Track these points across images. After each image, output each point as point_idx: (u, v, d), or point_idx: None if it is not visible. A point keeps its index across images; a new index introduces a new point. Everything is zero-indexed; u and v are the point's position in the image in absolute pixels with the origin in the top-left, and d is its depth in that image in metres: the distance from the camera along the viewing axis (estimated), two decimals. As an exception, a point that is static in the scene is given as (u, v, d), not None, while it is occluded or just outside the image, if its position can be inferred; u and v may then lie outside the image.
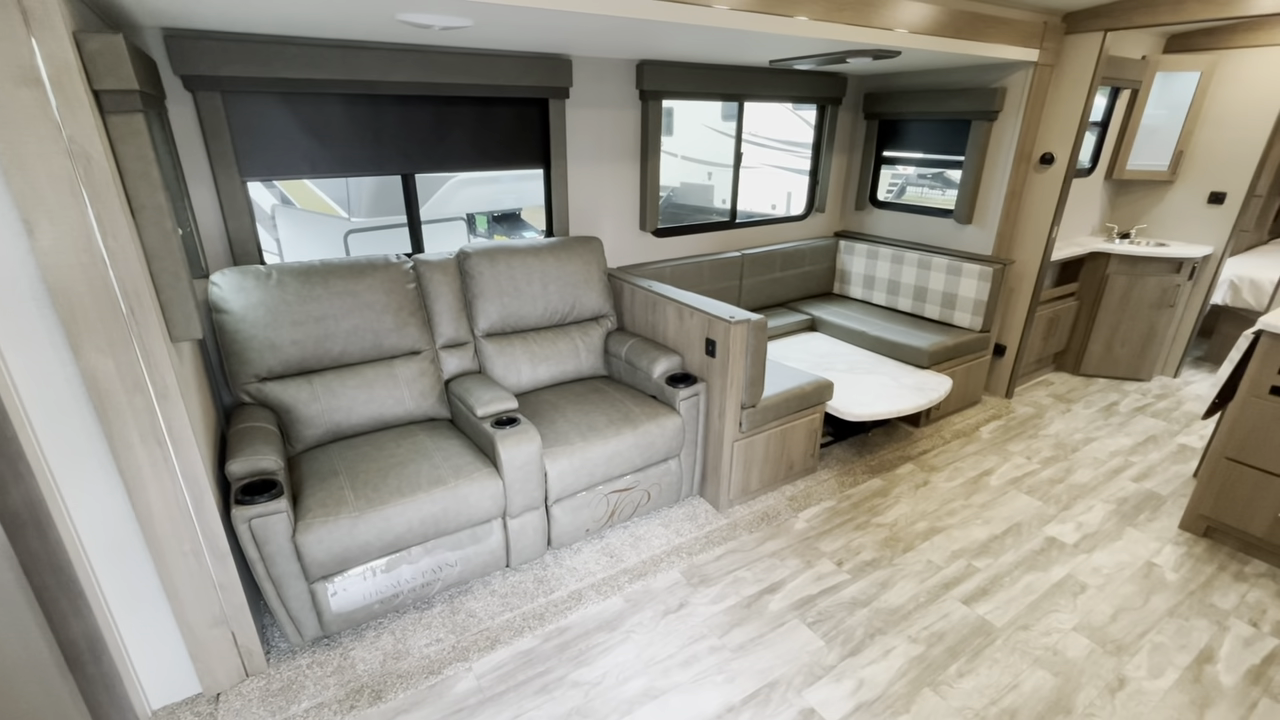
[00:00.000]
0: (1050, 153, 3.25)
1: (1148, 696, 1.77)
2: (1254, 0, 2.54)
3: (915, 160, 3.76)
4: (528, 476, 2.05)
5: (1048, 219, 3.32)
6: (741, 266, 3.53)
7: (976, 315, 3.33)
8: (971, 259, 3.33)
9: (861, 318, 3.54)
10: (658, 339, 2.67)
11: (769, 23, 2.04)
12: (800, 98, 3.49)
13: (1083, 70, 3.08)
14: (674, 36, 2.18)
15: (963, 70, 3.31)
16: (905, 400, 2.76)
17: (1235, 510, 2.36)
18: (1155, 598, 2.15)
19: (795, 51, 2.61)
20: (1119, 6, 2.90)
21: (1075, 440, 3.24)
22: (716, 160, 8.72)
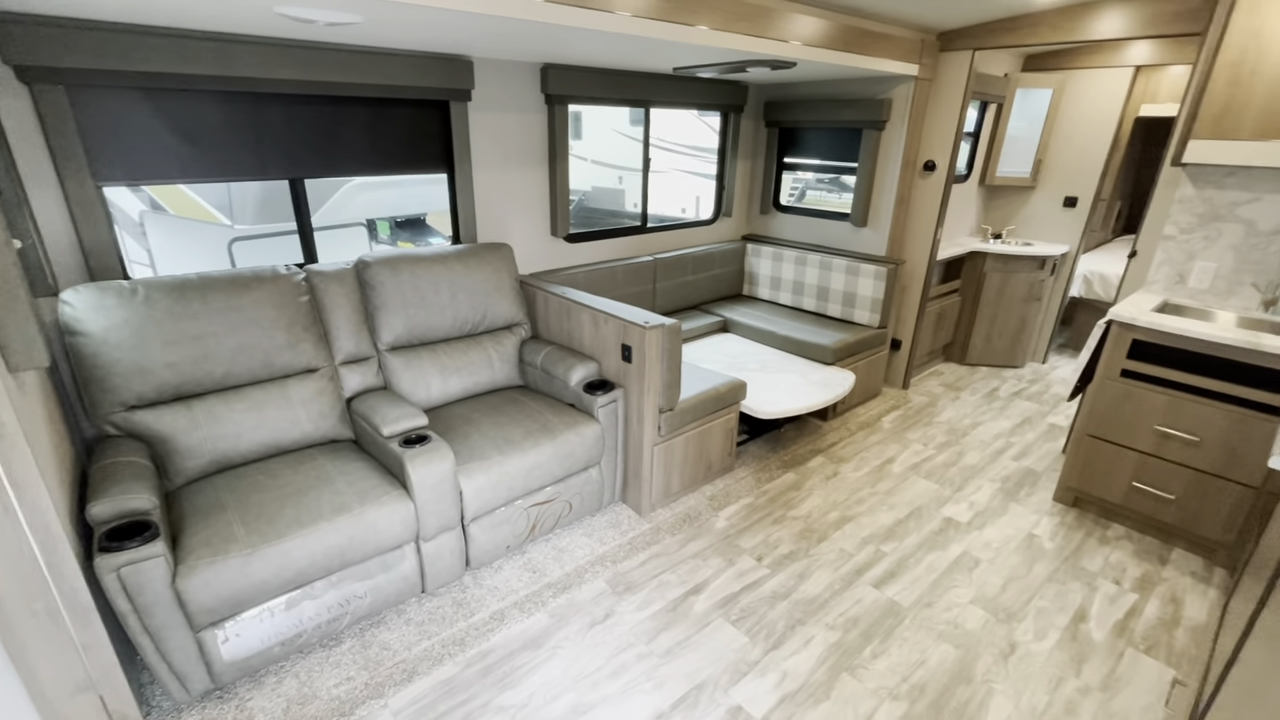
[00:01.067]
0: (932, 160, 3.51)
1: (1035, 658, 1.94)
2: (1092, 28, 2.85)
3: (813, 166, 3.95)
4: (441, 497, 1.95)
5: (932, 222, 3.58)
6: (654, 271, 3.56)
7: (874, 313, 3.54)
8: (868, 260, 3.53)
9: (770, 318, 3.67)
10: (574, 346, 2.64)
11: (670, 30, 2.06)
12: (704, 105, 3.57)
13: (956, 85, 3.35)
14: (577, 41, 2.16)
15: (852, 82, 3.51)
16: (814, 396, 2.88)
17: (1097, 481, 2.64)
18: (1037, 566, 2.36)
19: (697, 59, 2.66)
20: (984, 28, 3.17)
21: (964, 425, 3.51)
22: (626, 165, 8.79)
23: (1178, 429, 2.39)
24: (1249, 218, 2.55)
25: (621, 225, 3.58)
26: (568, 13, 1.81)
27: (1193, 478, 2.39)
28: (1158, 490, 2.48)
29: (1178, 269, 2.75)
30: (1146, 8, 2.69)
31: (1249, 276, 2.59)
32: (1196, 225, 2.67)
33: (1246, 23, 2.24)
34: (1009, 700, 1.79)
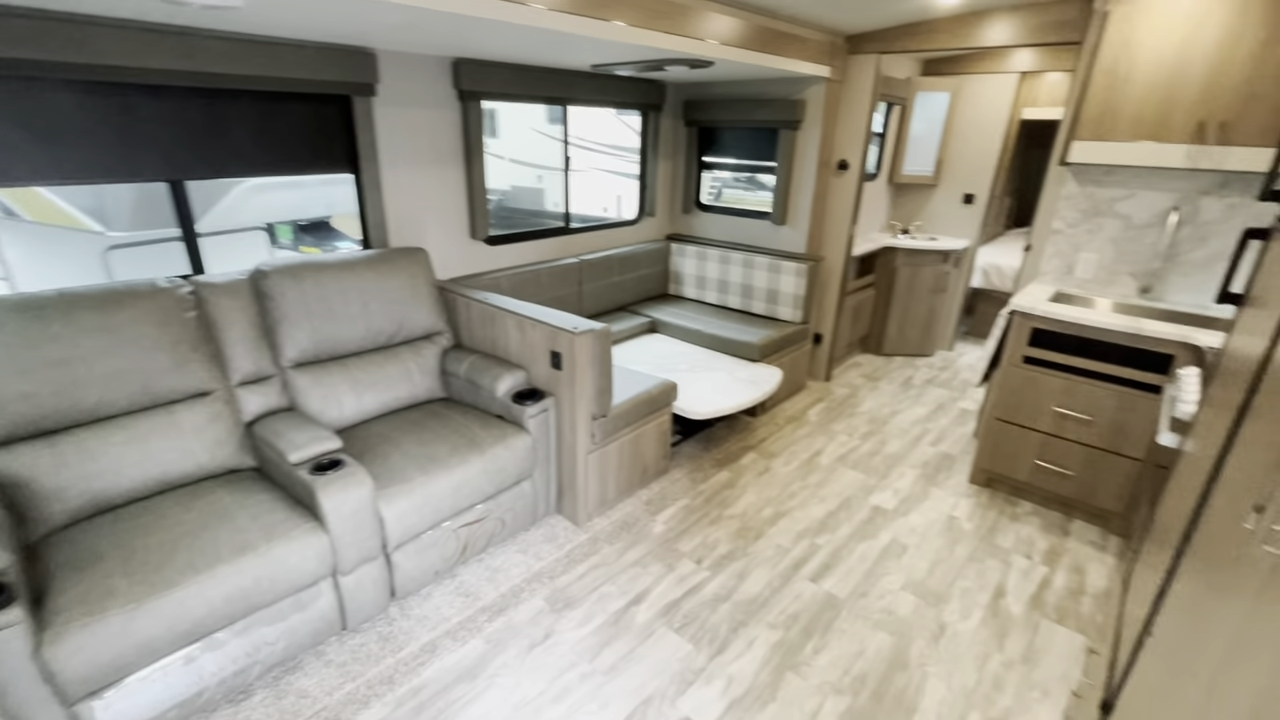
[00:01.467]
0: (845, 160, 3.63)
1: (962, 638, 2.03)
2: (984, 35, 3.03)
3: (733, 165, 4.00)
4: (360, 525, 1.80)
5: (847, 219, 3.71)
6: (580, 273, 3.48)
7: (797, 309, 3.62)
8: (789, 257, 3.61)
9: (697, 317, 3.68)
10: (499, 354, 2.52)
11: (586, 25, 1.99)
12: (623, 103, 3.53)
13: (864, 87, 3.47)
14: (488, 34, 2.05)
15: (768, 82, 3.56)
16: (743, 394, 2.90)
17: (1006, 461, 2.81)
18: (958, 547, 2.48)
19: (615, 56, 2.60)
20: (888, 33, 3.30)
21: (885, 414, 3.66)
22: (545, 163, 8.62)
23: (1073, 410, 2.57)
24: (1125, 212, 2.78)
25: (542, 225, 3.48)
26: (481, 5, 1.71)
27: (1088, 454, 2.58)
28: (1058, 467, 2.66)
29: (1066, 261, 2.98)
30: (1031, 18, 2.88)
31: (1126, 266, 2.83)
32: (1081, 220, 2.90)
33: (1118, 34, 2.43)
34: (942, 682, 1.85)
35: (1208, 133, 2.33)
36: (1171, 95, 2.37)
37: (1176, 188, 2.65)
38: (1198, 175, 2.58)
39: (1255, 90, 2.23)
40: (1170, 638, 1.06)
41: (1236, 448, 1.06)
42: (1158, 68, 2.38)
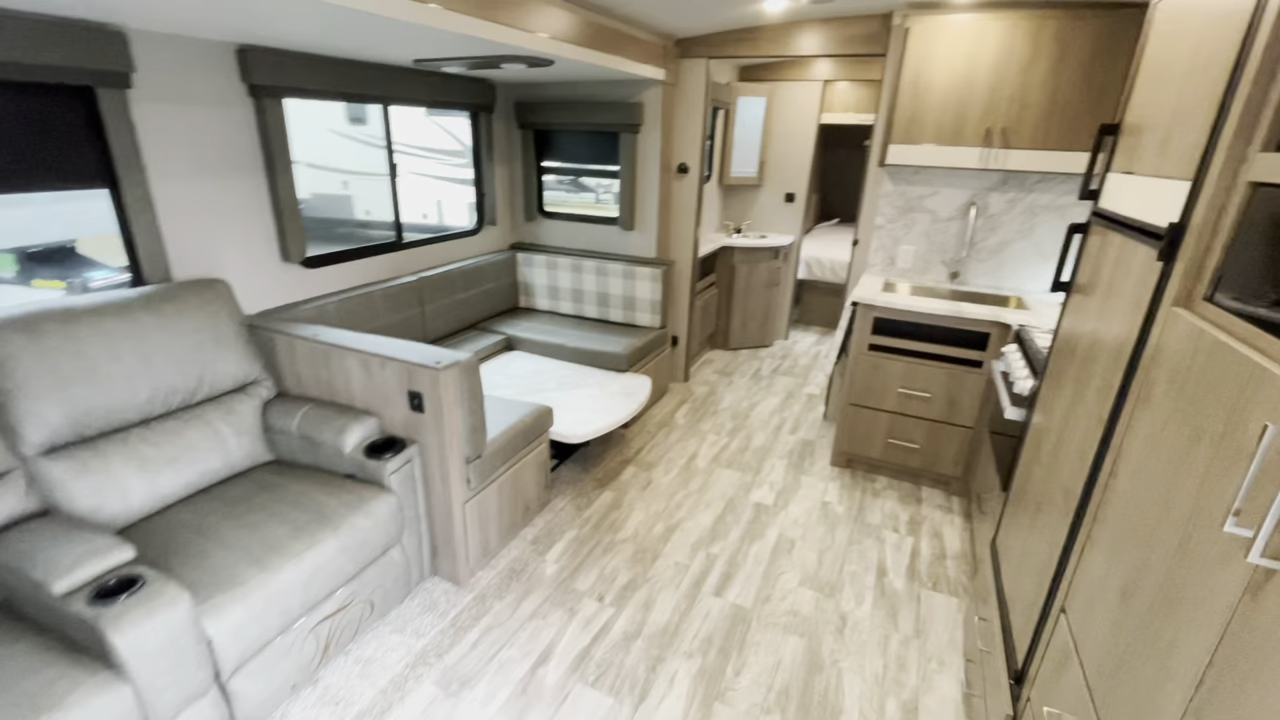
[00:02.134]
0: (685, 163, 3.67)
1: (862, 624, 2.11)
2: (800, 44, 3.22)
3: (574, 170, 3.85)
4: (177, 659, 1.36)
5: (691, 221, 3.76)
6: (420, 292, 3.10)
7: (655, 314, 3.59)
8: (642, 262, 3.56)
9: (555, 330, 3.48)
10: (341, 400, 2.12)
11: (391, 4, 1.66)
12: (450, 103, 3.20)
13: (697, 90, 3.52)
14: (272, 13, 1.65)
15: (605, 84, 3.47)
16: (620, 409, 2.78)
17: (861, 442, 3.03)
18: (837, 531, 2.61)
19: (443, 50, 2.31)
20: (716, 38, 3.38)
21: (744, 408, 3.78)
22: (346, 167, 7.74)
23: (914, 389, 2.84)
24: (932, 208, 3.13)
25: (353, 236, 3.05)
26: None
27: (929, 427, 2.87)
28: (906, 442, 2.93)
29: (888, 253, 3.29)
30: (841, 30, 3.11)
31: (937, 255, 3.19)
32: (897, 216, 3.21)
33: (918, 48, 2.70)
34: (856, 676, 1.90)
35: (994, 138, 2.68)
36: (964, 105, 2.70)
37: (970, 185, 3.03)
38: (985, 174, 2.98)
39: (1026, 101, 2.60)
40: (1084, 608, 1.14)
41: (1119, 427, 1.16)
42: (951, 80, 2.69)
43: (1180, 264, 1.04)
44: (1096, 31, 2.44)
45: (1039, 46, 2.53)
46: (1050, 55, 2.52)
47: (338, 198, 7.78)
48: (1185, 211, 1.05)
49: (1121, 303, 1.27)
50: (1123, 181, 1.46)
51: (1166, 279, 1.08)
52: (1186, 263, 1.01)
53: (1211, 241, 0.98)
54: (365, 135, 7.97)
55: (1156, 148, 1.25)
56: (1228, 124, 0.97)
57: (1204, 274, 0.99)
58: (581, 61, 2.59)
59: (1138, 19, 2.37)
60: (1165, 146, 1.21)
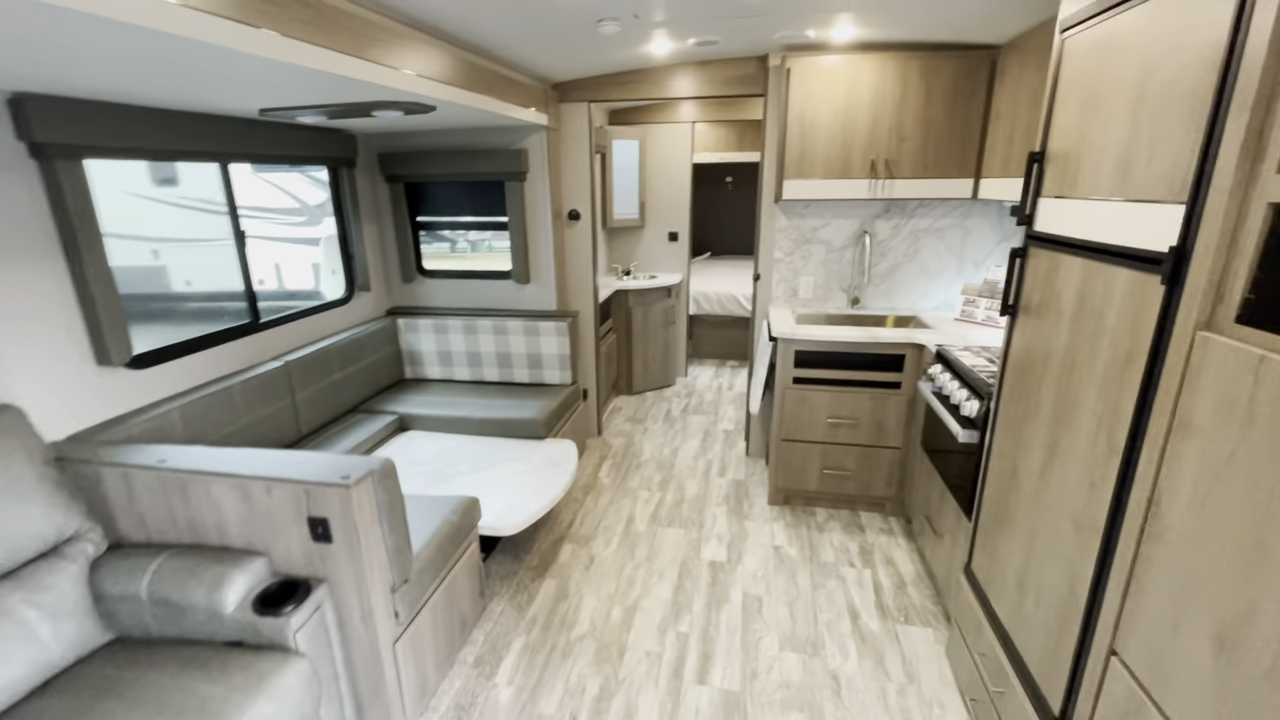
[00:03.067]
0: (575, 209, 3.50)
1: (854, 680, 1.98)
2: (680, 86, 3.21)
3: (455, 224, 3.52)
4: None
5: (588, 268, 3.58)
6: (289, 379, 2.59)
7: (564, 370, 3.33)
8: (544, 316, 3.30)
9: (455, 400, 3.10)
10: (210, 541, 1.62)
11: (218, 30, 1.28)
12: (304, 158, 2.77)
13: (580, 134, 3.39)
14: (54, 43, 1.23)
15: (484, 131, 3.22)
16: (551, 483, 2.48)
17: (797, 476, 2.98)
18: (798, 577, 2.49)
19: (293, 93, 1.94)
20: (593, 82, 3.28)
21: (666, 456, 3.62)
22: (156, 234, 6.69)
23: (842, 416, 2.84)
24: (826, 238, 3.23)
25: (174, 311, 2.53)
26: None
27: (859, 452, 2.88)
28: (840, 470, 2.92)
29: (790, 285, 3.33)
30: (719, 73, 3.15)
31: (837, 283, 3.28)
32: (794, 248, 3.27)
33: (801, 88, 2.78)
34: (872, 743, 1.76)
35: (878, 169, 2.81)
36: (848, 139, 2.80)
37: (858, 214, 3.17)
38: (871, 203, 3.13)
39: (903, 134, 2.76)
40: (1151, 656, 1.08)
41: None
42: (834, 117, 2.79)
43: (1192, 287, 1.02)
44: (955, 70, 2.64)
45: (908, 85, 2.70)
46: (919, 92, 2.70)
47: (148, 269, 6.66)
48: (1186, 234, 1.04)
49: (1107, 325, 1.26)
50: (1059, 206, 1.50)
51: (1175, 302, 1.06)
52: (1202, 285, 1.00)
53: (1230, 263, 0.96)
54: (178, 197, 6.93)
55: (1112, 172, 1.28)
56: (1223, 148, 0.97)
57: (1228, 296, 0.97)
58: (467, 106, 2.33)
59: (989, 58, 2.61)
60: (1126, 171, 1.23)
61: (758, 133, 5.58)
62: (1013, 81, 2.44)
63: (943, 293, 3.19)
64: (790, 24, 2.42)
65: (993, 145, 2.62)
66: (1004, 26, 2.36)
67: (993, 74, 2.62)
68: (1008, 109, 2.48)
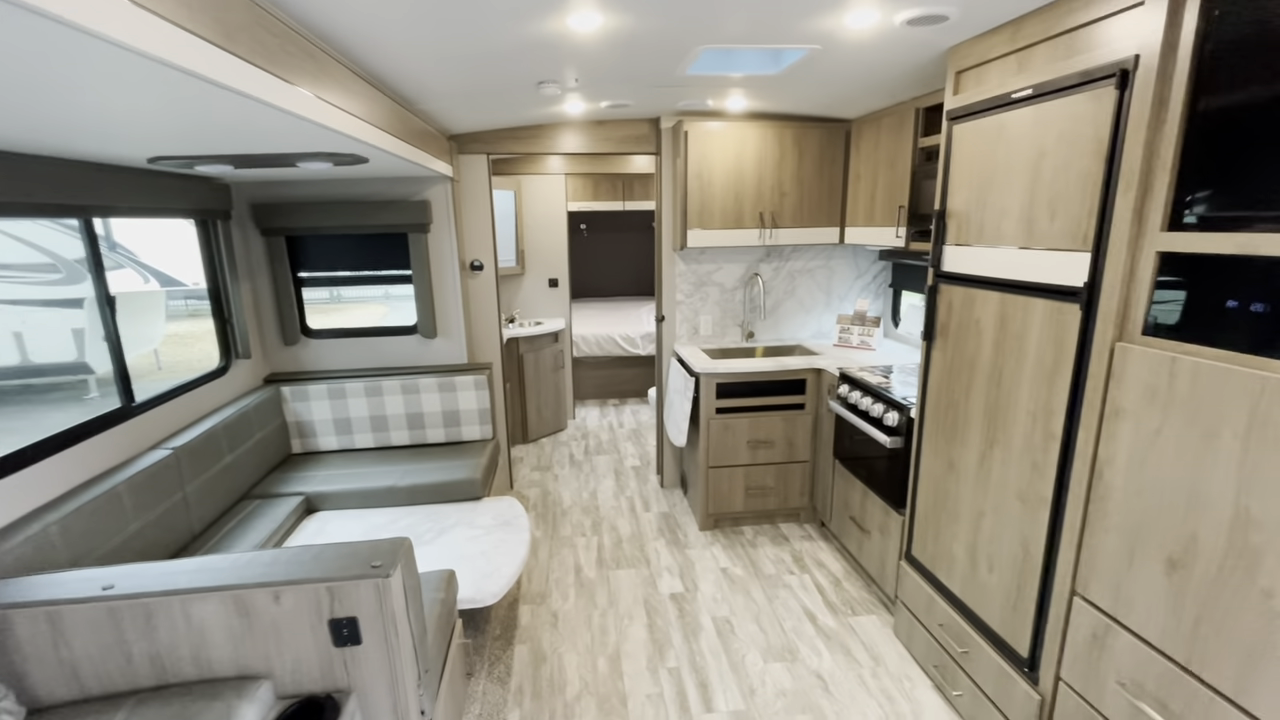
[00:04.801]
0: (478, 259, 3.44)
1: (836, 675, 2.20)
2: (568, 142, 3.36)
3: (349, 279, 3.24)
4: None
5: (494, 319, 3.52)
6: (179, 469, 2.19)
7: (485, 424, 3.21)
8: (459, 370, 3.17)
9: (367, 471, 2.82)
10: (182, 676, 1.33)
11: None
12: (168, 210, 2.40)
13: (480, 185, 3.36)
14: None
15: (385, 182, 3.05)
16: (514, 543, 2.39)
17: (725, 500, 3.20)
18: (753, 593, 2.68)
19: (188, 140, 1.73)
20: (490, 135, 3.30)
21: (587, 499, 3.63)
22: None
23: (759, 438, 3.14)
24: (720, 280, 3.57)
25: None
26: None
27: (776, 470, 3.19)
28: (761, 488, 3.20)
29: (691, 324, 3.60)
30: (612, 132, 3.36)
31: (732, 320, 3.63)
32: (693, 290, 3.56)
33: (697, 148, 3.10)
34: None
35: (765, 219, 3.22)
36: (740, 194, 3.18)
37: (745, 259, 3.56)
38: (755, 249, 3.54)
39: (783, 190, 3.20)
40: (1111, 588, 1.43)
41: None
42: (727, 174, 3.14)
43: (1105, 310, 1.42)
44: (820, 138, 3.16)
45: (784, 148, 3.15)
46: (794, 155, 3.17)
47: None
48: (1094, 273, 1.44)
49: (1030, 342, 1.65)
50: (964, 252, 1.92)
51: (1091, 323, 1.46)
52: (1114, 309, 1.39)
53: (1132, 293, 1.36)
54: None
55: (1015, 228, 1.69)
56: (1117, 214, 1.37)
57: (1133, 315, 1.37)
58: (395, 156, 2.24)
59: (844, 129, 3.16)
60: (1029, 226, 1.64)
61: (612, 185, 5.93)
62: (867, 150, 2.99)
63: (816, 323, 3.69)
64: (695, 94, 2.71)
65: (854, 199, 3.16)
66: (855, 107, 2.90)
67: (849, 142, 3.18)
68: (866, 170, 3.02)
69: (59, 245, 7.01)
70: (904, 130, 2.66)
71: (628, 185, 5.95)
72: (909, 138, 2.62)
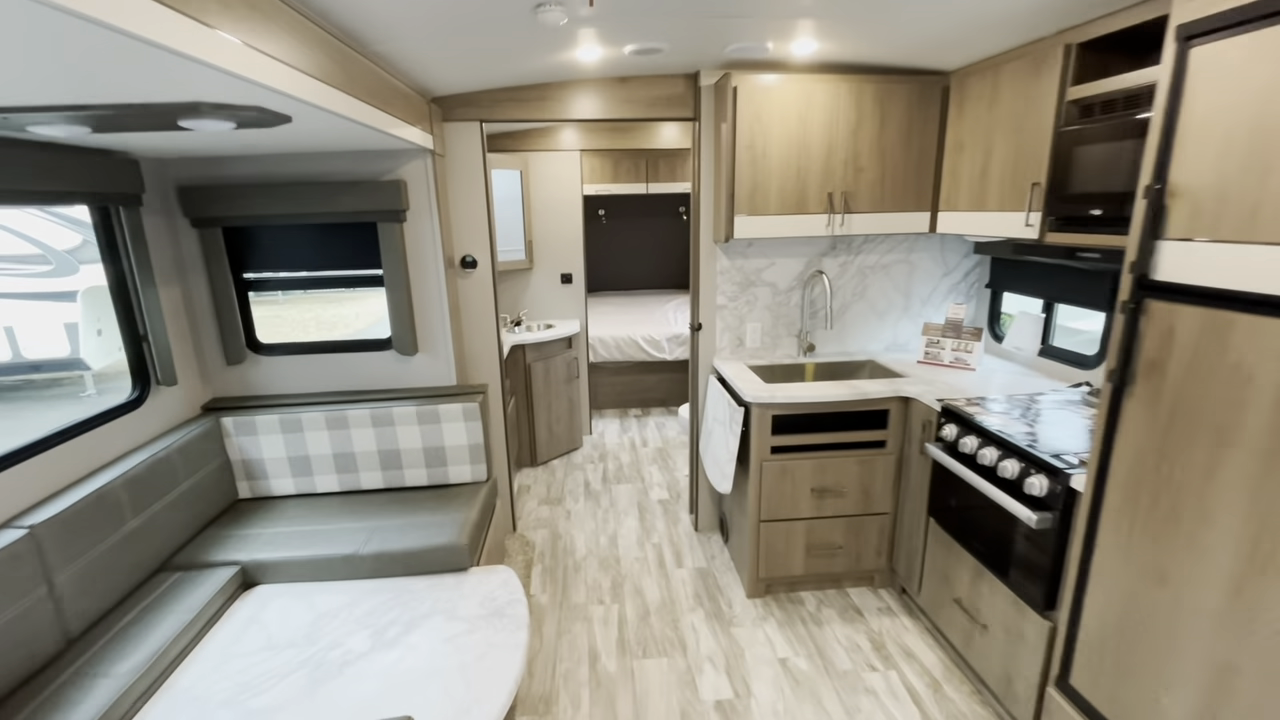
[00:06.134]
0: (470, 255, 2.78)
1: None
2: (584, 106, 2.66)
3: (304, 281, 2.60)
4: None
5: (492, 329, 2.86)
6: (39, 555, 1.57)
7: (477, 463, 2.56)
8: (445, 396, 2.53)
9: (326, 529, 2.20)
10: None
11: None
12: (47, 195, 1.77)
13: (472, 161, 2.69)
14: None
15: (343, 157, 2.40)
16: (505, 655, 1.75)
17: (780, 561, 2.53)
18: (825, 700, 2.01)
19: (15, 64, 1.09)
20: (484, 98, 2.62)
21: (605, 548, 2.98)
22: None
23: (827, 484, 2.45)
24: (771, 280, 2.86)
25: None
26: None
27: (847, 524, 2.50)
28: (828, 547, 2.52)
29: (735, 334, 2.91)
30: (639, 92, 2.66)
31: (785, 329, 2.93)
32: (739, 292, 2.86)
33: (749, 109, 2.38)
34: None
35: (836, 203, 2.50)
36: (804, 170, 2.46)
37: (804, 252, 2.84)
38: (816, 240, 2.82)
39: (860, 164, 2.48)
40: None
41: None
42: (788, 144, 2.43)
43: None
44: (908, 96, 2.42)
45: (862, 110, 2.43)
46: (873, 119, 2.44)
47: None
48: None
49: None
50: (1205, 253, 1.20)
51: None
52: None
53: None
54: None
55: (1350, 213, 0.98)
56: None
57: None
58: (339, 117, 1.58)
59: (939, 85, 2.42)
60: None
61: (635, 164, 5.21)
62: (975, 110, 2.25)
63: (891, 332, 2.98)
64: (750, 34, 2.00)
65: (953, 176, 2.43)
66: (959, 52, 2.16)
67: (945, 102, 2.44)
68: (973, 137, 2.29)
69: (48, 235, 6.51)
70: (1041, 78, 1.92)
71: (652, 164, 5.21)
72: (1052, 87, 1.88)
